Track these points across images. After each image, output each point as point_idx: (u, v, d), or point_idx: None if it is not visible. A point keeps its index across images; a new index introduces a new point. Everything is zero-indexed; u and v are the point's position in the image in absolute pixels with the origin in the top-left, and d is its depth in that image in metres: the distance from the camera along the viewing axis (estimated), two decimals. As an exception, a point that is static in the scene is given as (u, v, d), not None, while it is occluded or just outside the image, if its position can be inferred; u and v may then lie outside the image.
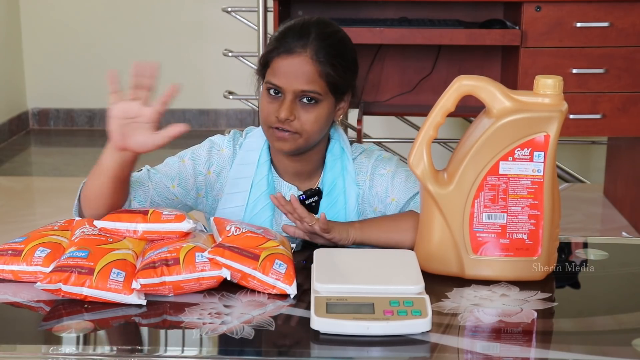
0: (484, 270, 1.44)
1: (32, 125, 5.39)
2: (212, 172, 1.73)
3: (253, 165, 1.73)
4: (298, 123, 1.64)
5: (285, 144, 1.66)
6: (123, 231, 1.44)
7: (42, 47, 5.27)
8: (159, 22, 5.21)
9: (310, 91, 1.64)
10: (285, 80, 1.64)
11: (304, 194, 1.72)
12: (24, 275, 1.40)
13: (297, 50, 1.64)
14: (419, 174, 1.44)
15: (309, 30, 1.66)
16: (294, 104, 1.64)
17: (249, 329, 1.24)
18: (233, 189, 1.73)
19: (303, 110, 1.64)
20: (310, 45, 1.65)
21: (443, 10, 3.32)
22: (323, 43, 1.66)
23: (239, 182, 1.73)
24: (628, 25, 3.05)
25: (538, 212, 1.42)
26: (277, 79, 1.65)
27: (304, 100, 1.64)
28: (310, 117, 1.65)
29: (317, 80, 1.64)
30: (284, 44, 1.66)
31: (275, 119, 1.64)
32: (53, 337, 1.25)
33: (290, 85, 1.64)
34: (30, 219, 3.69)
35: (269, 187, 1.72)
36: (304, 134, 1.65)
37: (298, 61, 1.64)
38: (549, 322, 1.33)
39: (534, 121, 1.40)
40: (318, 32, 1.66)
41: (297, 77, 1.64)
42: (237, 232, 1.42)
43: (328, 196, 1.73)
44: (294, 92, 1.64)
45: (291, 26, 1.69)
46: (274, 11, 3.06)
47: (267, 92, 1.67)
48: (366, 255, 1.47)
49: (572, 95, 3.01)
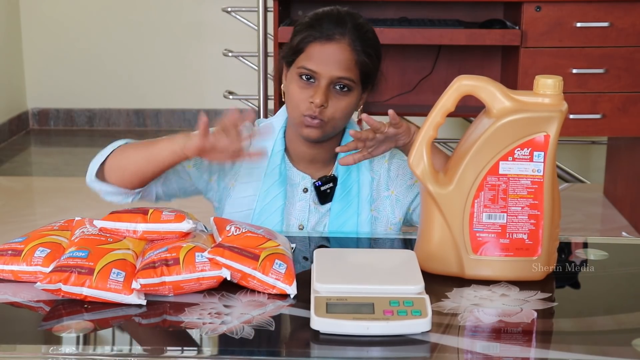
0: (484, 270, 1.44)
1: (32, 125, 5.39)
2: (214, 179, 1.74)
3: (267, 154, 1.74)
4: (329, 111, 1.66)
5: (314, 131, 1.68)
6: (123, 231, 1.44)
7: (42, 47, 5.27)
8: (158, 22, 5.21)
9: (346, 78, 1.66)
10: (322, 66, 1.65)
11: (320, 180, 1.74)
12: (24, 275, 1.40)
13: (335, 37, 1.66)
14: (419, 174, 1.44)
15: (345, 19, 1.69)
16: (328, 90, 1.66)
17: (249, 329, 1.24)
18: (246, 179, 1.74)
19: (335, 98, 1.67)
20: (348, 34, 1.67)
21: (443, 10, 3.32)
22: (359, 32, 1.69)
23: (252, 171, 1.74)
24: (628, 25, 3.05)
25: (538, 212, 1.42)
26: (313, 64, 1.66)
27: (337, 88, 1.67)
28: (341, 105, 1.67)
29: (353, 68, 1.67)
30: (321, 30, 1.67)
31: (309, 105, 1.65)
32: (53, 337, 1.25)
33: (327, 71, 1.65)
34: (30, 219, 3.69)
35: (282, 176, 1.74)
36: (332, 122, 1.68)
37: (336, 47, 1.66)
38: (549, 322, 1.33)
39: (534, 121, 1.40)
40: (354, 22, 1.69)
41: (334, 63, 1.65)
42: (237, 232, 1.42)
43: (342, 184, 1.75)
44: (329, 78, 1.65)
45: (326, 14, 1.71)
46: (274, 11, 3.06)
47: (299, 77, 1.68)
48: (366, 255, 1.47)
49: (572, 95, 3.01)
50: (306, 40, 1.67)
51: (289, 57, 1.71)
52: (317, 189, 1.74)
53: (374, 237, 1.72)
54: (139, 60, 5.27)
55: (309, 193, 1.75)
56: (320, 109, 1.65)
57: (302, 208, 1.75)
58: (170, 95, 5.32)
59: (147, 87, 5.30)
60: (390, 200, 1.77)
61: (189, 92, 5.27)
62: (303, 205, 1.75)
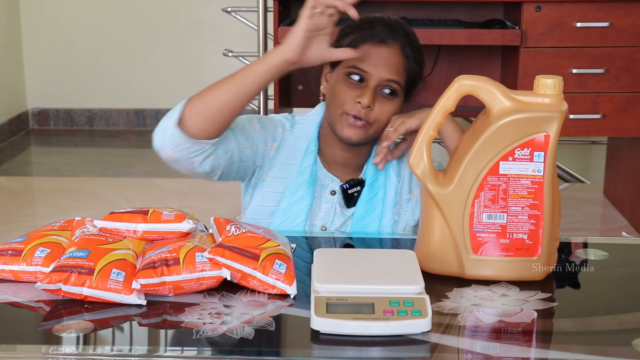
0: (484, 270, 1.44)
1: (32, 125, 5.39)
2: (274, 148, 1.75)
3: (300, 152, 1.75)
4: (375, 113, 1.68)
5: (356, 132, 1.68)
6: (123, 231, 1.44)
7: (42, 48, 5.27)
8: (158, 21, 5.21)
9: (395, 81, 1.68)
10: (373, 67, 1.67)
11: (347, 184, 1.75)
12: (24, 275, 1.40)
13: (388, 41, 1.69)
14: (419, 174, 1.44)
15: (397, 26, 1.72)
16: (376, 92, 1.68)
17: (249, 329, 1.24)
18: (278, 174, 1.75)
19: (381, 101, 1.68)
20: (400, 39, 1.70)
21: (443, 10, 3.32)
22: (409, 39, 1.72)
23: (285, 167, 1.75)
24: (628, 25, 3.05)
25: (538, 212, 1.42)
26: (365, 64, 1.67)
27: (384, 91, 1.68)
28: (386, 109, 1.69)
29: (402, 73, 1.69)
30: (373, 32, 1.69)
31: (356, 104, 1.66)
32: (53, 337, 1.25)
33: (378, 73, 1.67)
34: (30, 219, 3.69)
35: (312, 176, 1.75)
36: (375, 125, 1.70)
37: (389, 51, 1.68)
38: (549, 322, 1.33)
39: (534, 121, 1.40)
40: (404, 30, 1.72)
41: (385, 66, 1.67)
42: (237, 232, 1.42)
43: (369, 188, 1.76)
44: (379, 80, 1.67)
45: (378, 19, 1.74)
46: (274, 11, 3.06)
47: (348, 77, 1.69)
48: (366, 255, 1.47)
49: (572, 95, 3.01)
50: (358, 40, 1.69)
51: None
52: (344, 191, 1.75)
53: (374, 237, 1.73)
54: (139, 61, 5.27)
55: (336, 196, 1.76)
56: (367, 110, 1.66)
57: (327, 210, 1.76)
58: (170, 95, 5.31)
59: (147, 87, 5.30)
60: (411, 203, 1.78)
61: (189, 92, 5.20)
62: (329, 207, 1.76)
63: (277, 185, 1.74)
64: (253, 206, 1.76)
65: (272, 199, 1.74)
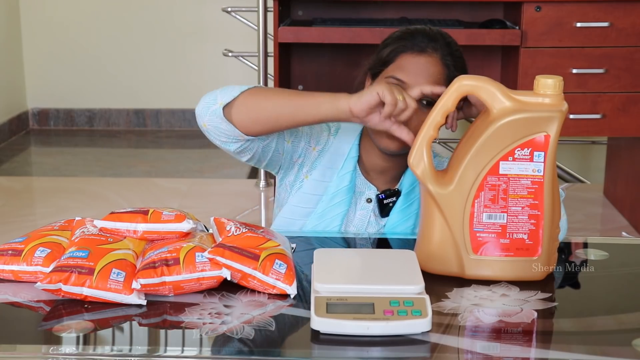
0: (484, 270, 1.44)
1: (32, 125, 5.39)
2: (317, 150, 1.75)
3: (342, 157, 1.75)
4: (414, 123, 1.60)
5: (394, 143, 1.66)
6: (123, 231, 1.44)
7: (42, 47, 5.27)
8: (158, 21, 5.21)
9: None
10: (412, 77, 1.65)
11: (383, 193, 1.74)
12: (24, 275, 1.40)
13: (428, 51, 1.67)
14: (419, 174, 1.44)
15: (437, 36, 1.70)
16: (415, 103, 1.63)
17: (249, 329, 1.24)
18: (319, 177, 1.75)
19: (421, 111, 1.61)
20: (440, 49, 1.68)
21: (443, 10, 3.32)
22: (450, 49, 1.70)
23: (326, 171, 1.75)
24: (628, 25, 3.05)
25: (538, 212, 1.42)
26: (404, 74, 1.65)
27: (423, 102, 1.64)
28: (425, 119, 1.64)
29: (442, 83, 1.65)
30: (413, 42, 1.67)
31: None
32: (53, 337, 1.25)
33: (417, 82, 1.64)
34: (30, 219, 3.69)
35: (351, 182, 1.74)
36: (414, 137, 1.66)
37: (429, 61, 1.66)
38: (549, 322, 1.33)
39: (534, 121, 1.40)
40: (445, 40, 1.70)
41: (425, 76, 1.65)
42: (237, 232, 1.42)
43: (406, 196, 1.75)
44: None
45: (419, 29, 1.72)
46: (274, 11, 3.06)
47: None
48: (366, 255, 1.47)
49: (572, 95, 3.01)
50: (397, 50, 1.67)
51: (377, 67, 1.70)
52: (380, 201, 1.74)
53: (374, 237, 1.73)
54: (139, 61, 5.27)
55: (372, 204, 1.76)
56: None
57: (362, 217, 1.76)
58: (170, 95, 5.32)
59: (147, 87, 5.30)
60: None
61: (189, 92, 5.26)
62: (363, 215, 1.76)
63: (317, 188, 1.75)
64: (290, 206, 1.76)
65: (310, 200, 1.74)
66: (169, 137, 5.19)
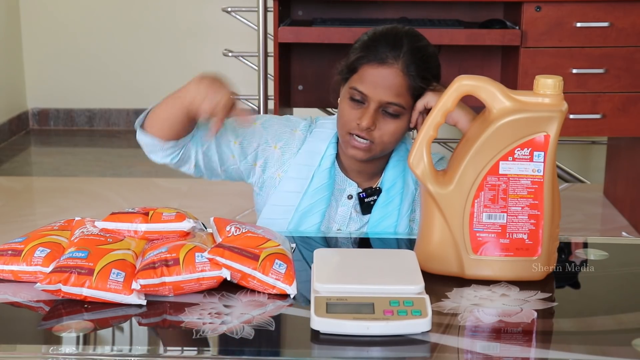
0: (484, 270, 1.44)
1: (32, 125, 5.39)
2: (279, 147, 1.74)
3: (319, 155, 1.75)
4: (377, 133, 1.64)
5: (359, 152, 1.67)
6: (124, 231, 1.44)
7: (42, 48, 5.27)
8: (158, 21, 5.21)
9: (396, 104, 1.64)
10: (372, 90, 1.64)
11: (365, 192, 1.75)
12: (23, 275, 1.40)
13: (389, 61, 1.64)
14: (419, 174, 1.44)
15: (402, 42, 1.66)
16: (377, 113, 1.64)
17: (249, 329, 1.24)
18: (295, 174, 1.75)
19: (384, 121, 1.64)
20: (403, 58, 1.64)
21: (443, 10, 3.32)
22: (415, 57, 1.65)
23: (302, 168, 1.75)
24: (628, 25, 3.05)
25: (538, 212, 1.42)
26: (364, 86, 1.64)
27: (387, 111, 1.64)
28: (390, 128, 1.66)
29: (404, 94, 1.64)
30: (375, 52, 1.65)
31: (356, 125, 1.65)
32: (53, 337, 1.25)
33: (376, 95, 1.63)
34: (30, 219, 3.69)
35: (330, 179, 1.74)
36: (380, 145, 1.67)
37: (389, 72, 1.64)
38: (549, 322, 1.33)
39: (534, 121, 1.40)
40: (410, 45, 1.66)
41: (385, 88, 1.63)
42: (237, 232, 1.42)
43: (386, 194, 1.75)
44: (379, 102, 1.64)
45: (383, 34, 1.68)
46: (274, 11, 3.06)
47: (350, 98, 1.67)
48: (366, 255, 1.47)
49: (572, 95, 3.01)
50: (360, 61, 1.66)
51: (344, 74, 1.70)
52: (361, 199, 1.75)
53: (374, 237, 1.73)
54: (139, 60, 5.27)
55: (352, 200, 1.76)
56: (367, 130, 1.64)
57: (343, 214, 1.76)
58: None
59: (147, 87, 5.30)
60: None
61: (189, 92, 5.26)
62: (345, 211, 1.76)
63: (295, 185, 1.75)
64: (270, 206, 1.77)
65: (289, 198, 1.74)
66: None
